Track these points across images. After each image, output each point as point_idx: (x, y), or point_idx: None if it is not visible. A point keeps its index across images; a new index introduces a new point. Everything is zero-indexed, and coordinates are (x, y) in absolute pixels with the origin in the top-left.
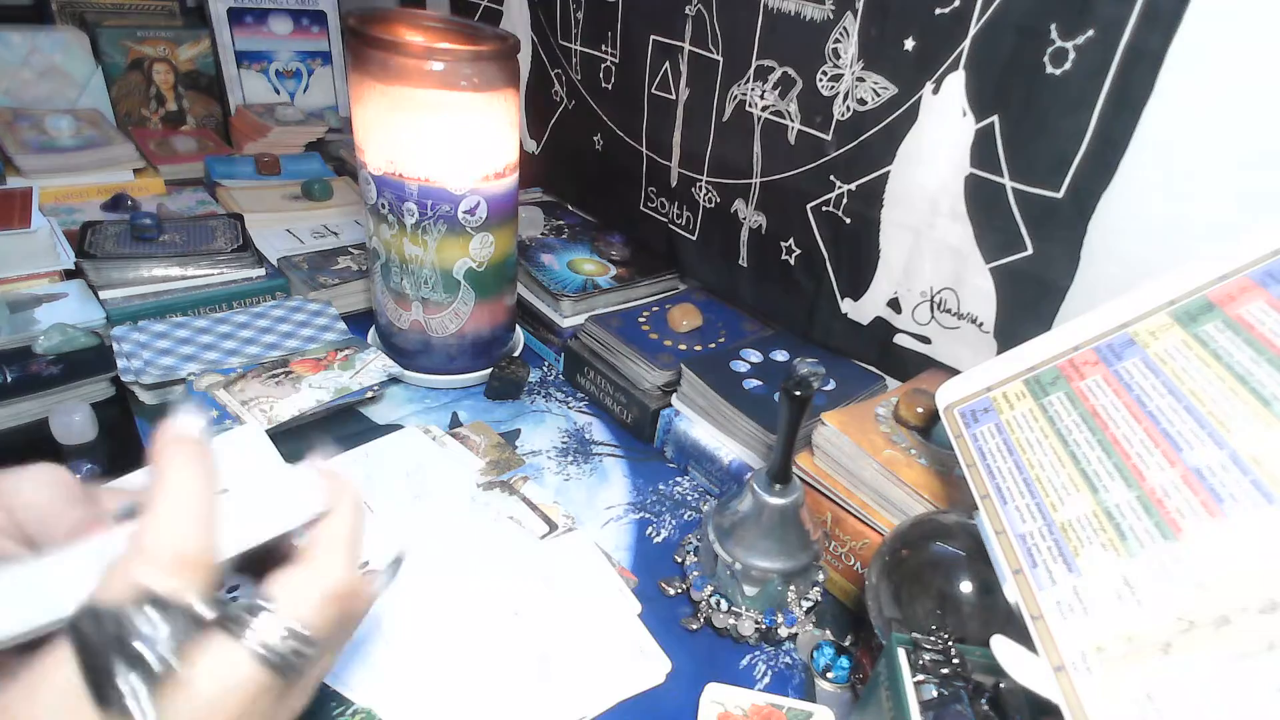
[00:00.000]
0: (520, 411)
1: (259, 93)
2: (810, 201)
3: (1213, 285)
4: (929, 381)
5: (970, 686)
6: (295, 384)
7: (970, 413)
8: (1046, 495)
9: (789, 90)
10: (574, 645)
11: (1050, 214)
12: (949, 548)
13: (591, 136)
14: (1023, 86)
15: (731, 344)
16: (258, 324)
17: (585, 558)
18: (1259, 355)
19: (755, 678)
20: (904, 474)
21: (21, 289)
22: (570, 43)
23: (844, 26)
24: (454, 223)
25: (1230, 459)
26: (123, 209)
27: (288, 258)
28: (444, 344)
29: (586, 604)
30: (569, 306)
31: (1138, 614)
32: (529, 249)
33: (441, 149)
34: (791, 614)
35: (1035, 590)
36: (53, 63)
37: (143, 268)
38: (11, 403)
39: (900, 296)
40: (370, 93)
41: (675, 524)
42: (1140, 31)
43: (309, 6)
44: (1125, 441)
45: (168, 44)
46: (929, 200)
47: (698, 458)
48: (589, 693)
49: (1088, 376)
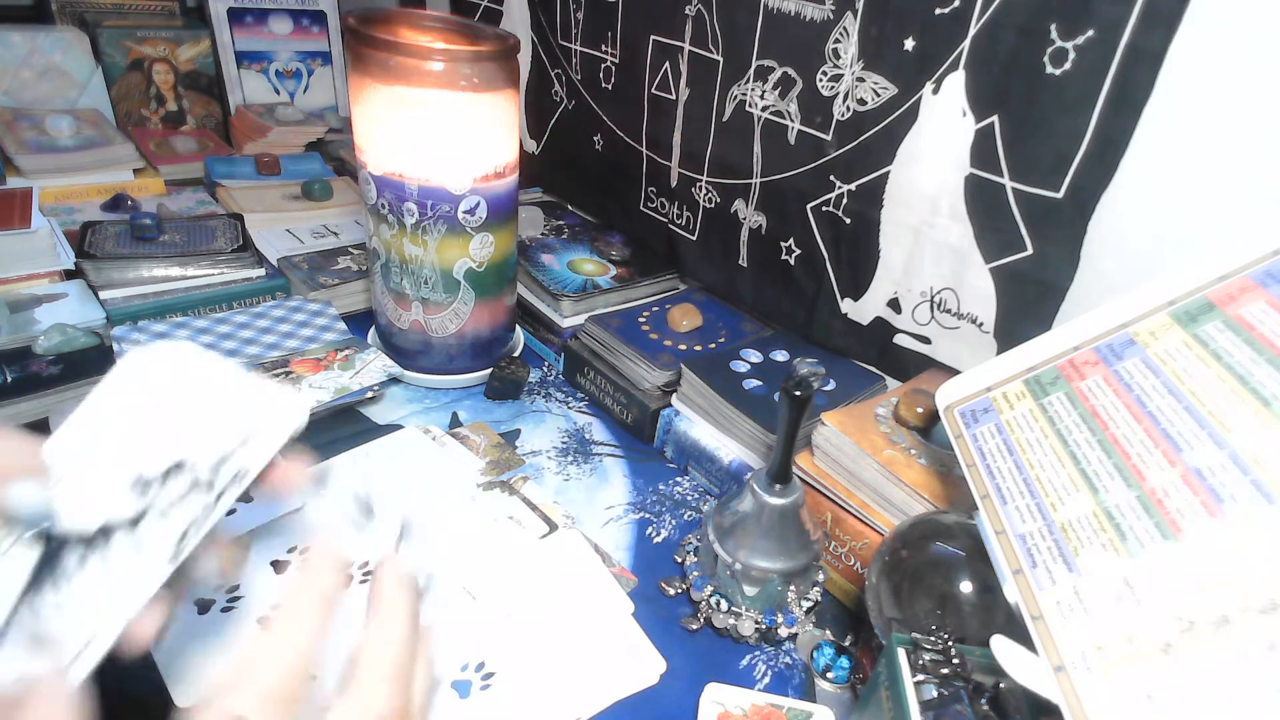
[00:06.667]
0: (520, 411)
1: (259, 93)
2: (810, 201)
3: (1213, 285)
4: (929, 381)
5: (970, 686)
6: (295, 384)
7: (970, 413)
8: (1046, 495)
9: (789, 90)
10: (567, 645)
11: (1050, 214)
12: (949, 548)
13: (591, 136)
14: (1023, 86)
15: (731, 344)
16: (258, 324)
17: (579, 557)
18: (1259, 355)
19: (755, 678)
20: (904, 474)
21: (21, 289)
22: (570, 43)
23: (844, 26)
24: (454, 223)
25: (1230, 459)
26: (123, 209)
27: (288, 258)
28: (444, 344)
29: (580, 604)
30: (569, 306)
31: (1138, 614)
32: (529, 249)
33: (441, 149)
34: (791, 614)
35: (1035, 590)
36: (53, 63)
37: (143, 268)
38: (11, 403)
39: (900, 296)
40: (370, 93)
41: (675, 524)
42: (1140, 31)
43: (309, 6)
44: (1125, 441)
45: (168, 44)
46: (929, 200)
47: (698, 458)
48: (583, 693)
49: (1088, 376)
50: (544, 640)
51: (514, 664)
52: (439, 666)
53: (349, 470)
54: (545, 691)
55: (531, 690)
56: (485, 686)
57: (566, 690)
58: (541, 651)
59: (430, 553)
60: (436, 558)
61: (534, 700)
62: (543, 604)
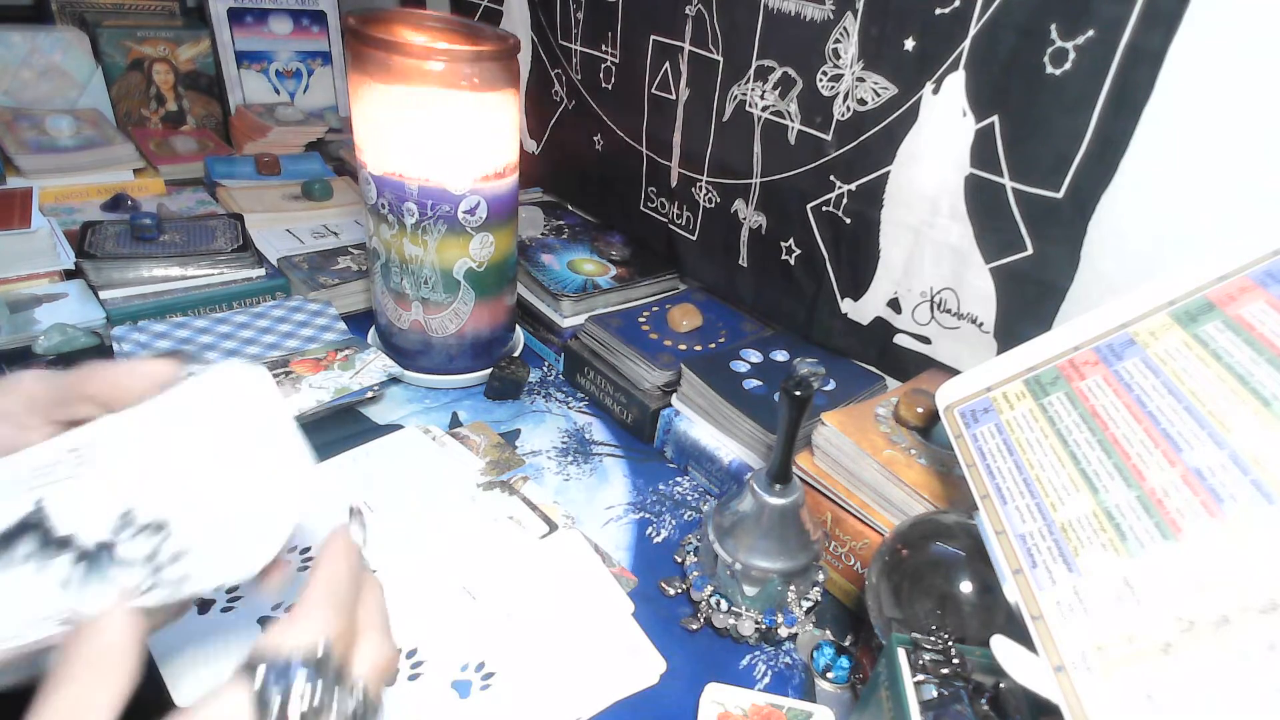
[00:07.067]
0: (520, 411)
1: (259, 93)
2: (810, 201)
3: (1213, 285)
4: (929, 381)
5: (970, 686)
6: (295, 384)
7: (970, 413)
8: (1046, 495)
9: (789, 90)
10: (567, 645)
11: (1050, 214)
12: (949, 548)
13: (591, 136)
14: (1023, 86)
15: (731, 344)
16: (258, 324)
17: (579, 557)
18: (1259, 355)
19: (755, 678)
20: (904, 474)
21: (21, 289)
22: (570, 43)
23: (844, 26)
24: (454, 223)
25: (1230, 459)
26: (123, 209)
27: (288, 258)
28: (444, 344)
29: (580, 604)
30: (569, 306)
31: (1138, 614)
32: (529, 249)
33: (441, 149)
34: (791, 614)
35: (1035, 590)
36: (53, 63)
37: (143, 268)
38: None
39: (900, 296)
40: (370, 93)
41: (675, 524)
42: (1140, 31)
43: (309, 6)
44: (1125, 441)
45: (168, 44)
46: (929, 200)
47: (698, 458)
48: (583, 693)
49: (1088, 376)
50: (544, 640)
51: (514, 664)
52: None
53: (349, 470)
54: (545, 691)
55: (531, 690)
56: (485, 686)
57: (566, 690)
58: (541, 651)
59: (430, 553)
60: (436, 558)
61: (534, 700)
62: (543, 604)
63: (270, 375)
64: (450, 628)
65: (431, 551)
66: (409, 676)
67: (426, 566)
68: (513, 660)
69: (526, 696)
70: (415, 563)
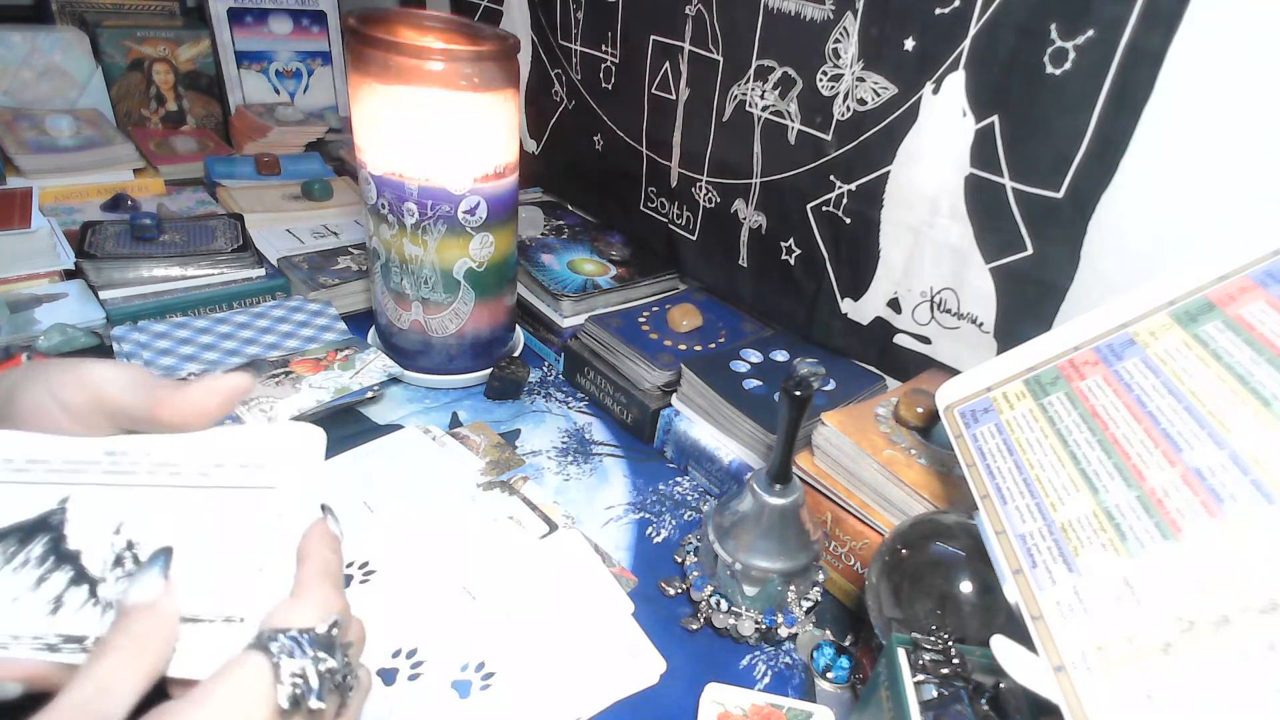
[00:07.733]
0: (520, 411)
1: (259, 93)
2: (810, 201)
3: (1213, 285)
4: (929, 381)
5: (970, 686)
6: (295, 384)
7: (970, 413)
8: (1046, 495)
9: (789, 90)
10: (567, 645)
11: (1050, 214)
12: (949, 548)
13: (591, 136)
14: (1023, 86)
15: (731, 344)
16: (258, 324)
17: (579, 557)
18: (1259, 355)
19: (755, 678)
20: (904, 474)
21: (21, 289)
22: (570, 43)
23: (844, 26)
24: (454, 223)
25: (1230, 459)
26: (123, 209)
27: (288, 258)
28: (444, 344)
29: (580, 604)
30: (569, 306)
31: (1138, 614)
32: (529, 249)
33: (441, 149)
34: (791, 614)
35: (1035, 590)
36: (53, 63)
37: (143, 268)
38: None
39: (900, 296)
40: (370, 93)
41: (675, 524)
42: (1140, 31)
43: (309, 6)
44: (1125, 441)
45: (168, 44)
46: (929, 200)
47: (698, 458)
48: (583, 693)
49: (1088, 376)
50: (544, 640)
51: (514, 664)
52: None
53: (349, 470)
54: (545, 691)
55: (531, 690)
56: (485, 686)
57: (566, 690)
58: (541, 651)
59: (430, 553)
60: (436, 558)
61: (534, 700)
62: (543, 604)
63: (324, 439)
64: (450, 628)
65: (431, 551)
66: (409, 676)
67: (426, 566)
68: (513, 660)
69: (526, 696)
70: (415, 563)
